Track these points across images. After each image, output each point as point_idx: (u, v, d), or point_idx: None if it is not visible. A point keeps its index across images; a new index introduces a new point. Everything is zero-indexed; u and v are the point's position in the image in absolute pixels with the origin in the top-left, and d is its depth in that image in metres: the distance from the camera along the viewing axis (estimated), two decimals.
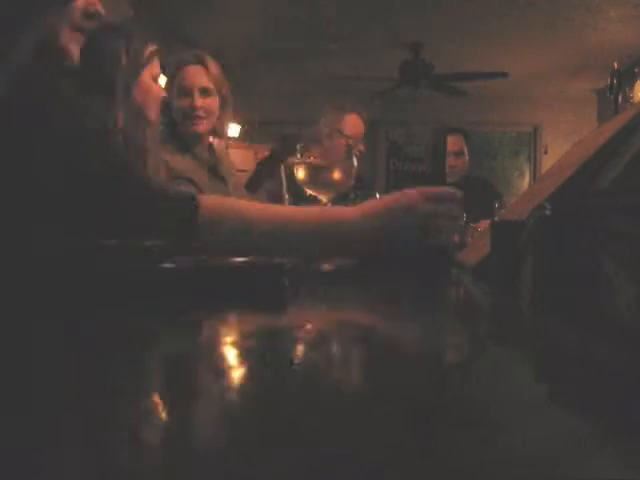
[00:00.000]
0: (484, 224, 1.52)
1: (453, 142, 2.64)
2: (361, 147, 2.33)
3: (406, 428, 0.23)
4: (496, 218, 0.91)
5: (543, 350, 0.40)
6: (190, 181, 1.64)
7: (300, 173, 1.00)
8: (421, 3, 4.01)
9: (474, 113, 6.04)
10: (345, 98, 2.54)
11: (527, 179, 6.62)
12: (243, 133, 5.23)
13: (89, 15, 0.80)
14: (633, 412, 0.25)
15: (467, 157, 2.84)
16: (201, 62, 1.84)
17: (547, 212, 0.49)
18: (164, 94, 1.58)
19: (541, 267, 0.50)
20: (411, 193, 0.82)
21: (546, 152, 6.39)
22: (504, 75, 4.88)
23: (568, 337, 0.42)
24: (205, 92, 1.82)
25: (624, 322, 0.38)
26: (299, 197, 1.89)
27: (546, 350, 0.39)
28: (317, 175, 1.00)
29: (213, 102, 1.83)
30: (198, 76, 1.82)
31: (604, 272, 0.41)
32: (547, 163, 5.91)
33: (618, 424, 0.24)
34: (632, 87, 2.58)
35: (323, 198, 1.01)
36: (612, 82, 1.49)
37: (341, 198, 1.60)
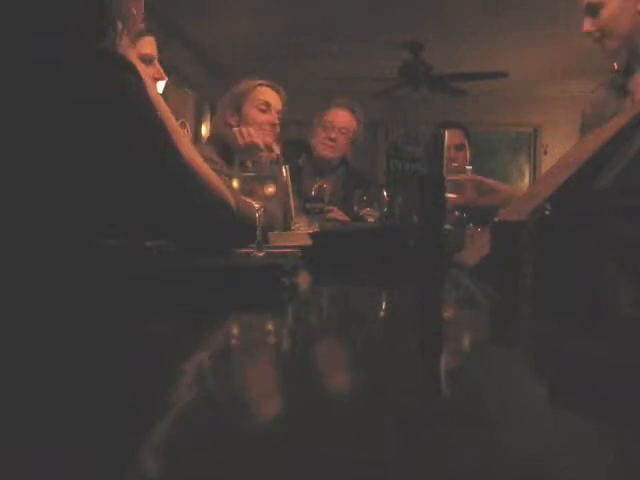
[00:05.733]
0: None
1: (453, 135, 2.60)
2: (333, 134, 2.40)
3: (403, 427, 0.23)
4: (496, 218, 0.91)
5: (543, 350, 0.40)
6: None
7: (234, 183, 1.07)
8: (421, 3, 4.01)
9: (474, 113, 6.03)
10: (347, 97, 2.55)
11: (527, 179, 6.61)
12: None
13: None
14: (633, 412, 0.25)
15: (468, 153, 2.82)
16: (272, 87, 2.03)
17: (547, 212, 0.49)
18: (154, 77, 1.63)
19: (541, 267, 0.50)
20: None
21: (546, 152, 6.38)
22: (504, 75, 4.88)
23: (568, 337, 0.42)
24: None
25: (624, 322, 0.38)
26: (303, 197, 1.90)
27: (546, 350, 0.39)
28: (248, 186, 1.07)
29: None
30: (276, 98, 2.03)
31: (604, 272, 0.41)
32: (547, 163, 5.91)
33: (618, 424, 0.24)
34: None
35: (255, 204, 1.07)
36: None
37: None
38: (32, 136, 0.69)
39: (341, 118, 2.44)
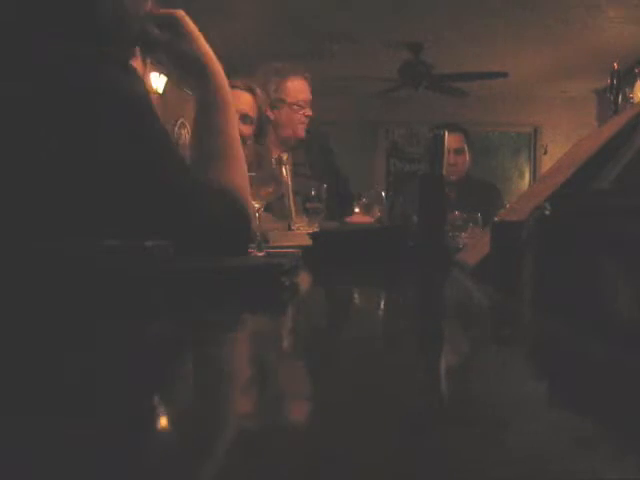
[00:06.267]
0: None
1: (453, 139, 2.61)
2: (308, 112, 2.28)
3: (404, 426, 0.23)
4: (496, 218, 0.91)
5: (543, 350, 0.40)
6: None
7: None
8: (421, 3, 4.01)
9: (474, 113, 6.04)
10: (284, 61, 2.38)
11: (527, 179, 6.62)
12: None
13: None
14: (633, 412, 0.25)
15: (468, 155, 2.82)
16: (250, 90, 2.00)
17: (547, 212, 0.49)
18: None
19: (541, 267, 0.50)
20: None
21: (546, 152, 6.38)
22: (504, 75, 4.88)
23: (568, 337, 0.42)
24: (245, 119, 1.97)
25: (624, 322, 0.38)
26: (303, 197, 1.90)
27: (546, 350, 0.39)
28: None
29: (249, 129, 2.01)
30: (244, 101, 1.99)
31: (604, 272, 0.41)
32: (547, 163, 5.91)
33: (618, 424, 0.24)
34: (632, 87, 2.58)
35: (256, 204, 1.09)
36: (612, 82, 1.48)
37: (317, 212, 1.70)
38: (35, 137, 0.69)
39: (305, 93, 2.33)
